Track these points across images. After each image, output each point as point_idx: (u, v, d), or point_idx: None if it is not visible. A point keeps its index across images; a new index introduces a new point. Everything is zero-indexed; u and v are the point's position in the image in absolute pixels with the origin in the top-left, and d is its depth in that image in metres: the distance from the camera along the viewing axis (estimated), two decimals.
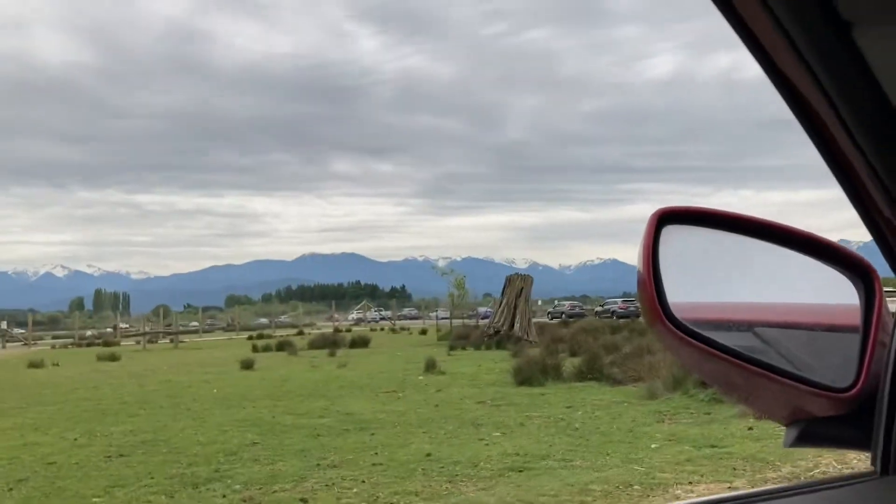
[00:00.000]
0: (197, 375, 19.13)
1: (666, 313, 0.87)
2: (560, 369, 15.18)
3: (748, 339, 0.91)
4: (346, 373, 18.21)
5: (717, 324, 0.91)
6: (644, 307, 0.90)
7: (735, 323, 0.93)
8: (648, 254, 0.90)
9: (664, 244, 0.93)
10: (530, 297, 30.71)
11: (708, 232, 0.96)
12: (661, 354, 14.69)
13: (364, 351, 28.63)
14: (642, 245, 0.91)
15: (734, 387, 0.93)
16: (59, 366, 27.17)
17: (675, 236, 0.94)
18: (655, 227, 0.92)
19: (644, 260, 0.90)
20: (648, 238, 0.91)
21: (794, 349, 0.91)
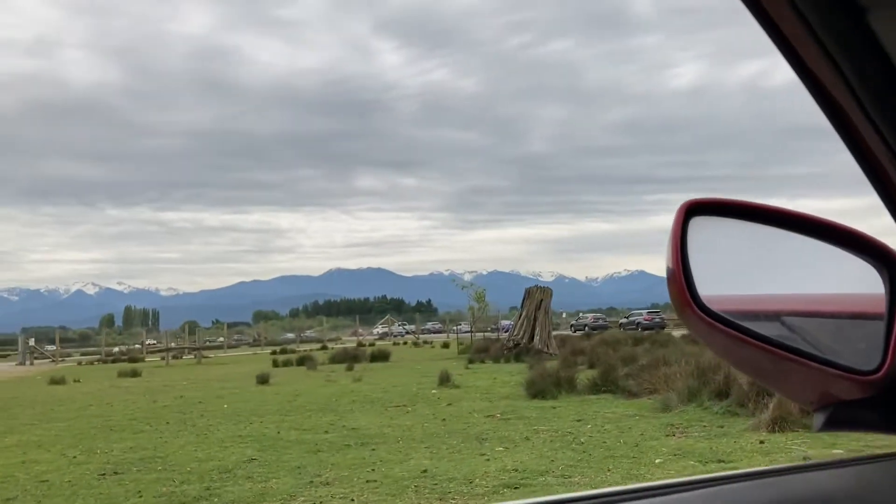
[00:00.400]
0: (212, 391, 19.07)
1: (696, 302, 0.88)
2: (574, 382, 14.90)
3: (776, 329, 0.92)
4: (360, 387, 18.04)
5: (745, 313, 0.91)
6: (674, 297, 0.91)
7: (762, 312, 0.94)
8: (677, 245, 0.92)
9: (692, 235, 0.94)
10: (550, 309, 30.37)
11: (735, 223, 0.97)
12: (676, 366, 14.41)
13: (383, 365, 28.48)
14: (671, 236, 0.93)
15: (763, 372, 0.94)
16: (80, 382, 27.31)
17: (703, 227, 0.96)
18: (683, 219, 0.94)
19: (673, 251, 0.92)
20: (677, 229, 0.93)
21: (820, 336, 0.92)
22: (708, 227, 0.96)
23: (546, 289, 30.50)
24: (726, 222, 0.97)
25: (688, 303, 0.88)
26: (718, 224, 0.97)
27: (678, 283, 0.89)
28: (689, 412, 11.20)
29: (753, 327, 0.88)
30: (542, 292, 30.10)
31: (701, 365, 13.76)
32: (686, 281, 0.90)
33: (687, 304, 0.88)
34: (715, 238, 0.97)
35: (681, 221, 0.94)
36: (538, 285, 30.73)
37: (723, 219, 0.98)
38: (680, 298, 0.89)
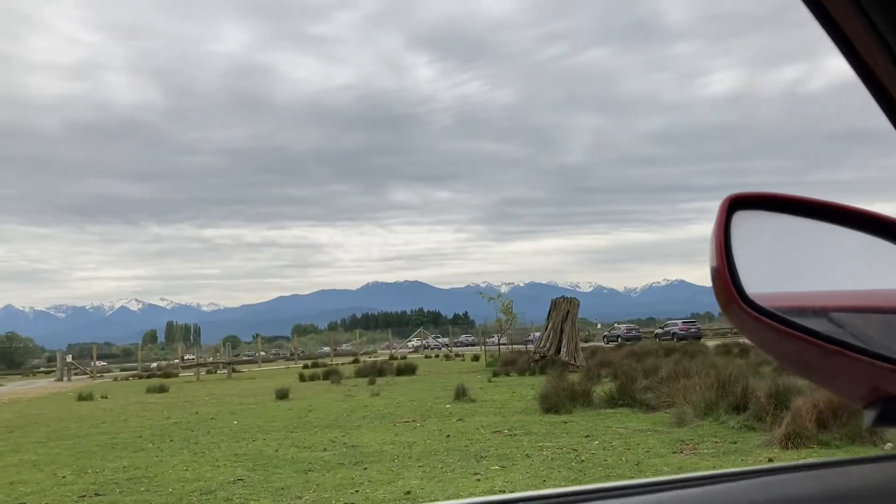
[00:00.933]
0: (229, 407, 18.95)
1: (742, 297, 0.87)
2: (591, 395, 14.43)
3: (823, 324, 0.89)
4: (377, 402, 17.76)
5: (792, 309, 0.89)
6: (718, 293, 0.89)
7: (809, 308, 0.91)
8: (721, 240, 0.90)
9: (736, 230, 0.92)
10: (577, 320, 29.80)
11: (780, 217, 0.95)
12: (696, 378, 13.89)
13: (407, 379, 28.17)
14: (714, 232, 0.91)
15: (810, 367, 0.90)
16: (107, 398, 27.48)
17: (747, 222, 0.94)
18: (727, 214, 0.92)
19: (717, 247, 0.90)
20: (720, 225, 0.91)
21: (870, 331, 0.90)
22: (752, 221, 0.94)
23: (573, 299, 29.94)
24: (771, 216, 0.96)
25: (733, 298, 0.86)
26: (763, 218, 0.95)
27: (723, 278, 0.87)
28: (703, 427, 10.70)
29: (801, 322, 0.86)
30: (568, 303, 29.55)
31: (721, 377, 13.27)
32: (731, 276, 0.88)
33: (732, 300, 0.86)
34: (759, 233, 0.95)
35: (724, 216, 0.92)
36: (564, 296, 30.14)
37: (767, 213, 0.96)
38: (725, 294, 0.87)
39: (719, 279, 0.87)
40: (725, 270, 0.87)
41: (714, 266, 0.89)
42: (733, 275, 0.87)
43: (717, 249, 0.89)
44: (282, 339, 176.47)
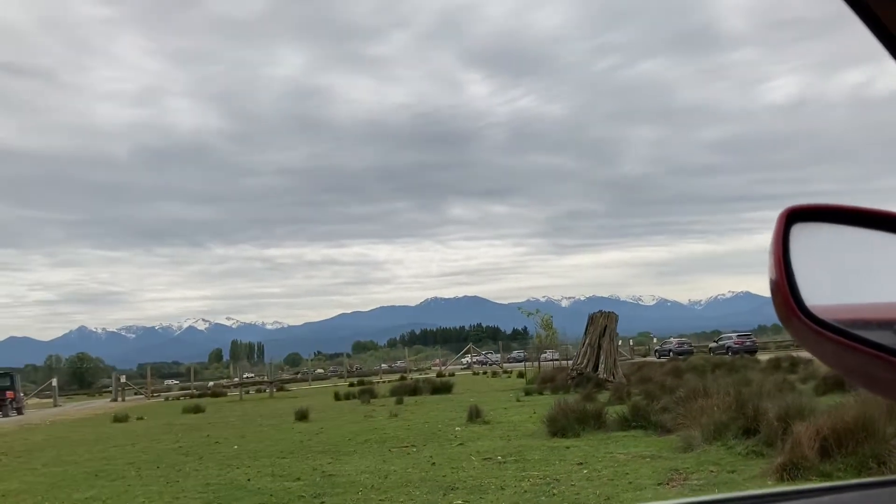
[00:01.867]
0: (244, 429, 18.66)
1: (802, 310, 0.87)
2: (603, 417, 13.58)
3: (889, 337, 0.86)
4: (390, 424, 17.21)
5: (856, 322, 0.88)
6: (778, 306, 0.89)
7: (874, 320, 0.90)
8: (779, 253, 0.90)
9: (795, 243, 0.92)
10: (616, 335, 28.77)
11: (840, 228, 0.94)
12: (716, 397, 12.96)
13: (438, 398, 27.56)
14: (772, 245, 0.91)
15: (876, 381, 0.91)
16: (143, 419, 27.62)
17: (806, 235, 0.93)
18: (784, 227, 0.92)
19: (775, 260, 0.90)
20: (778, 237, 0.91)
21: None
22: (811, 233, 0.93)
23: (610, 314, 28.91)
24: (830, 228, 0.93)
25: (793, 312, 0.86)
26: (822, 230, 0.93)
27: (782, 292, 0.87)
28: (710, 453, 9.83)
29: (865, 335, 0.85)
30: (605, 317, 28.55)
31: (741, 396, 12.36)
32: (791, 289, 0.87)
33: (793, 314, 0.86)
34: (819, 244, 0.93)
35: (782, 229, 0.91)
36: (602, 310, 29.15)
37: (827, 224, 0.93)
38: (785, 308, 0.86)
39: (779, 292, 0.86)
40: (785, 283, 0.86)
41: (773, 279, 0.87)
42: (793, 288, 0.86)
43: (775, 262, 0.87)
44: (342, 355, 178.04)
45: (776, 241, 0.89)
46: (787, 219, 0.90)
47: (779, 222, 0.90)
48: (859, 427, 7.60)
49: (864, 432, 7.55)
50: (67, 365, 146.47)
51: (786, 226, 0.90)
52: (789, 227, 0.91)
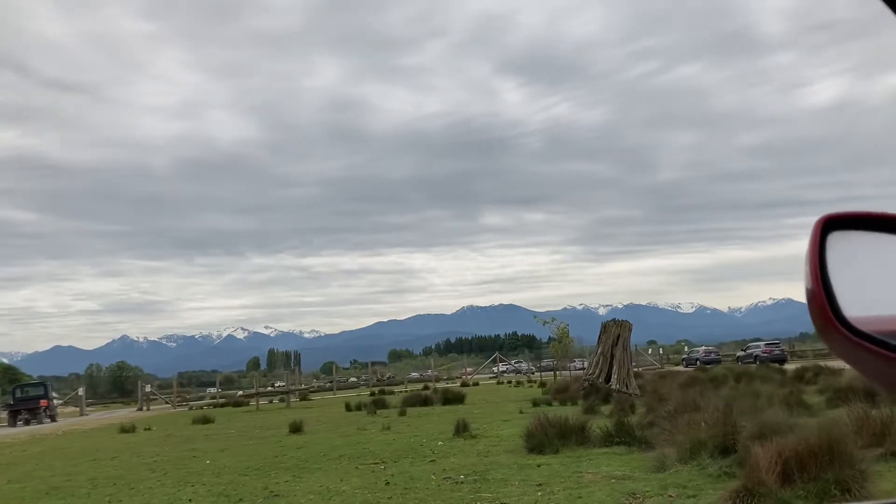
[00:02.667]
0: (233, 442, 18.26)
1: (840, 320, 0.85)
2: (586, 431, 12.86)
3: None
4: (378, 437, 16.66)
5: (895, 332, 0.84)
6: (815, 317, 0.87)
7: None
8: (815, 262, 0.89)
9: (832, 252, 0.90)
10: (629, 344, 27.88)
11: (879, 236, 0.92)
12: (705, 412, 12.19)
13: (445, 409, 26.94)
14: (808, 254, 0.89)
15: None
16: (150, 429, 27.42)
17: (844, 243, 0.90)
18: (821, 235, 0.91)
19: (811, 269, 0.88)
20: (814, 246, 0.89)
21: None
22: (848, 241, 0.90)
23: (623, 322, 28.05)
24: (869, 236, 0.91)
25: (830, 323, 0.84)
26: (860, 238, 0.91)
27: (819, 301, 0.85)
28: (681, 473, 9.11)
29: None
30: (619, 326, 27.70)
31: (732, 410, 11.60)
32: (828, 299, 0.85)
33: (830, 324, 0.84)
34: (857, 253, 0.90)
35: (818, 237, 0.89)
36: (615, 319, 28.30)
37: (864, 233, 0.91)
38: (822, 318, 0.85)
39: (815, 302, 0.84)
40: (821, 293, 0.84)
41: (809, 288, 0.85)
42: (830, 297, 0.84)
43: (811, 272, 0.85)
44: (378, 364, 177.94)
45: (812, 250, 0.86)
46: (824, 227, 0.88)
47: (815, 230, 0.88)
48: (824, 450, 6.84)
49: (828, 455, 6.80)
50: (107, 374, 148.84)
51: (822, 234, 0.87)
52: (826, 236, 0.88)
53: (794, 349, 66.80)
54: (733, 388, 21.31)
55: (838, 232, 0.89)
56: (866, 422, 10.11)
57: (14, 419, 41.05)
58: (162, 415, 42.71)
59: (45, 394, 43.48)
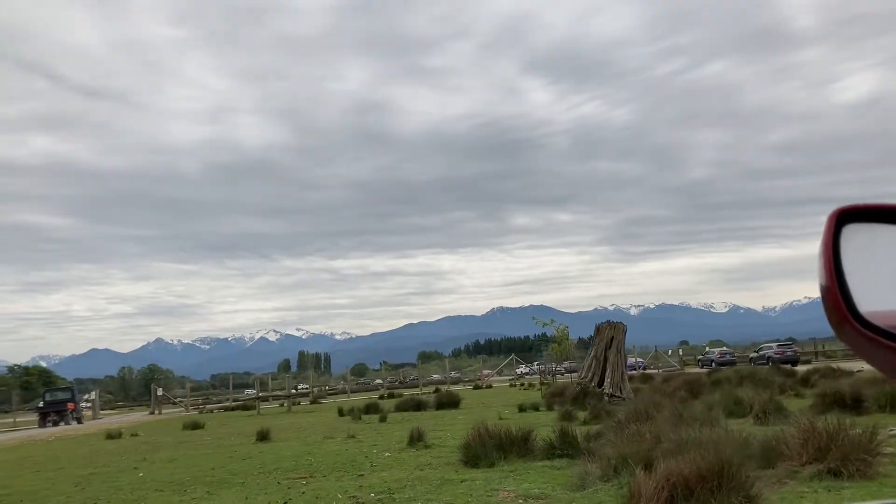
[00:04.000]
0: (192, 451, 17.77)
1: (855, 317, 0.84)
2: (530, 442, 12.11)
3: None
4: (335, 447, 16.05)
5: None
6: (830, 312, 0.87)
7: None
8: (829, 257, 0.88)
9: (846, 245, 0.89)
10: (623, 347, 26.94)
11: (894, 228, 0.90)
12: (655, 422, 11.43)
13: (431, 414, 26.32)
14: (822, 247, 0.88)
15: None
16: (138, 435, 27.11)
17: (859, 236, 0.89)
18: (835, 228, 0.90)
19: (825, 263, 0.88)
20: (828, 240, 0.89)
21: None
22: (864, 235, 0.88)
23: (618, 324, 27.11)
24: (885, 229, 0.89)
25: (845, 318, 0.84)
26: (876, 231, 0.89)
27: (833, 297, 0.85)
28: (600, 493, 8.39)
29: None
30: (612, 328, 26.77)
31: (682, 419, 10.85)
32: (843, 295, 0.85)
33: (845, 320, 0.84)
34: (873, 247, 0.88)
35: (832, 231, 0.88)
36: (610, 321, 27.37)
37: (880, 225, 0.89)
38: (837, 314, 0.85)
39: (830, 298, 0.84)
40: (836, 289, 0.83)
41: (823, 284, 0.84)
42: (845, 293, 0.83)
43: (825, 267, 0.85)
44: (408, 365, 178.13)
45: (826, 244, 0.84)
46: (838, 220, 0.86)
47: (828, 223, 0.86)
48: (714, 473, 6.07)
49: (718, 479, 6.03)
50: (139, 376, 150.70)
51: (836, 227, 0.85)
52: (840, 229, 0.86)
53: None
54: (721, 391, 20.34)
55: (853, 225, 0.86)
56: (812, 434, 9.26)
57: (44, 420, 44.19)
58: (164, 419, 42.57)
59: (72, 397, 46.91)
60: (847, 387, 17.02)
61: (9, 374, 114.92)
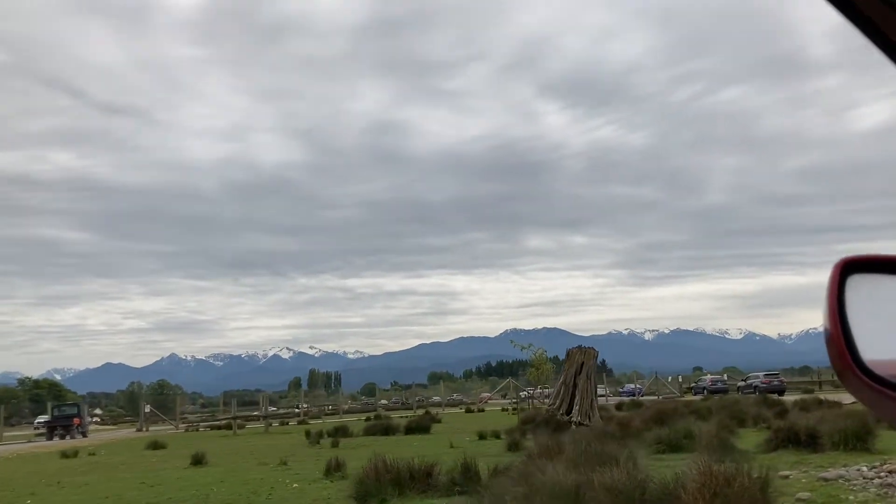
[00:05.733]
0: (112, 473, 17.04)
1: (859, 366, 0.84)
2: (432, 477, 11.28)
3: None
4: (255, 475, 15.27)
5: None
6: (834, 360, 0.86)
7: None
8: (834, 305, 0.88)
9: (851, 295, 0.89)
10: (594, 373, 26.02)
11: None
12: (565, 460, 10.60)
13: (395, 439, 25.44)
14: (827, 296, 0.88)
15: None
16: (94, 455, 26.50)
17: (864, 286, 0.89)
18: (840, 278, 0.89)
19: (830, 311, 0.87)
20: (833, 289, 0.88)
21: None
22: (869, 285, 0.88)
23: (588, 349, 26.21)
24: (889, 280, 0.89)
25: (849, 366, 0.83)
26: (880, 282, 0.89)
27: (837, 345, 0.85)
28: None
29: None
30: (582, 354, 25.87)
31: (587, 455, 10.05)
32: (847, 343, 0.85)
33: (848, 368, 0.83)
34: (877, 297, 0.89)
35: (836, 280, 0.88)
36: (581, 346, 26.47)
37: (885, 276, 0.89)
38: (840, 362, 0.85)
39: (834, 345, 0.83)
40: (840, 336, 0.83)
41: (828, 331, 0.85)
42: (849, 341, 0.83)
43: (830, 314, 0.84)
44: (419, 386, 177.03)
45: (831, 292, 0.84)
46: (843, 269, 0.87)
47: (834, 273, 0.86)
48: None
49: None
50: (148, 391, 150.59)
51: (841, 277, 0.85)
52: (845, 278, 0.85)
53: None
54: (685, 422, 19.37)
55: (858, 275, 0.86)
56: (709, 478, 8.41)
57: (51, 433, 46.67)
58: (141, 437, 41.93)
59: (78, 413, 49.84)
60: (804, 423, 16.04)
61: (19, 387, 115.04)
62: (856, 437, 14.34)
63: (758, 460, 14.03)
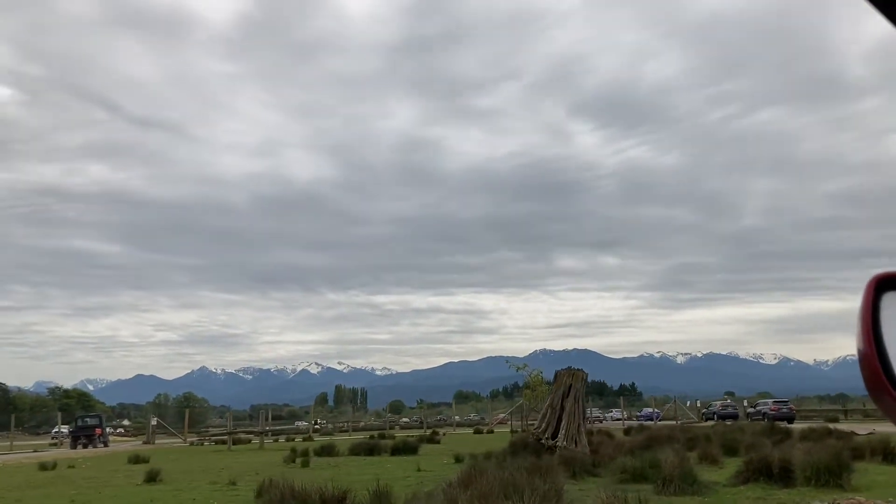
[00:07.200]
0: (69, 489, 16.53)
1: (893, 384, 0.83)
2: (345, 503, 10.55)
3: None
4: (194, 496, 14.64)
5: None
6: (868, 381, 0.85)
7: None
8: (868, 324, 0.87)
9: (886, 312, 0.87)
10: (582, 396, 25.01)
11: None
12: (485, 488, 9.82)
13: (377, 459, 24.70)
14: (861, 314, 0.87)
15: None
16: (73, 468, 26.14)
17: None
18: (874, 295, 0.88)
19: (864, 330, 0.87)
20: (867, 307, 0.88)
21: None
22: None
23: (577, 371, 25.21)
24: None
25: (884, 387, 0.82)
26: None
27: (871, 365, 0.84)
28: None
29: None
30: (570, 376, 24.86)
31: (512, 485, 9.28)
32: (882, 363, 0.83)
33: (883, 389, 0.82)
34: None
35: (870, 298, 0.86)
36: (570, 367, 25.49)
37: None
38: (874, 382, 0.83)
39: (867, 365, 0.82)
40: (874, 356, 0.82)
41: (861, 350, 0.84)
42: (884, 360, 0.82)
43: (864, 333, 0.84)
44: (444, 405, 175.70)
45: (865, 311, 0.83)
46: (877, 286, 0.84)
47: (867, 290, 0.84)
48: None
49: None
50: (174, 404, 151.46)
51: (875, 295, 0.83)
52: (879, 296, 0.83)
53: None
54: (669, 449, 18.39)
55: (893, 292, 0.84)
56: None
57: (75, 443, 49.49)
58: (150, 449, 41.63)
59: (100, 424, 53.57)
60: (778, 455, 15.00)
61: (49, 396, 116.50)
62: (828, 471, 13.32)
63: (718, 494, 13.10)
